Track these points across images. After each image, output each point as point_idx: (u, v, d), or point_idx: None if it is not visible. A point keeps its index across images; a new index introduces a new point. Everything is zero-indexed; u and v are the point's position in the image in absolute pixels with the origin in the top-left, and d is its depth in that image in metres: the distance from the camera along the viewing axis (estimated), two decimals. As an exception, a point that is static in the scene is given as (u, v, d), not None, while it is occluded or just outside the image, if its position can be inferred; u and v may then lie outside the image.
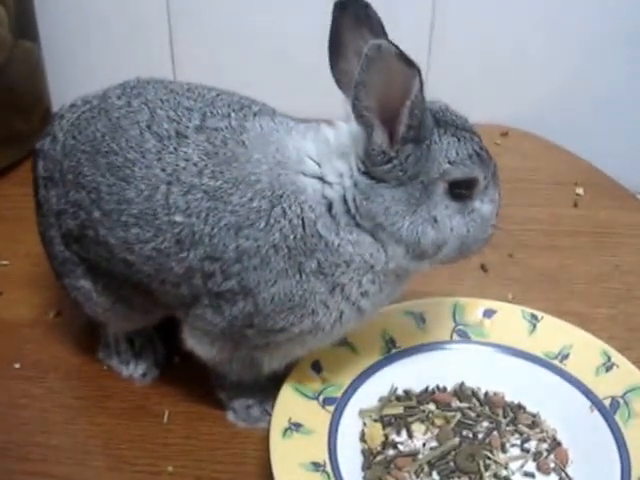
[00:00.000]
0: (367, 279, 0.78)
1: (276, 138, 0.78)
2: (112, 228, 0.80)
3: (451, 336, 0.93)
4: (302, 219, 0.75)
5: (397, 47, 0.67)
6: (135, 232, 0.78)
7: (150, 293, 0.83)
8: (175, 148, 0.77)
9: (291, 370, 0.87)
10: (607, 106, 1.36)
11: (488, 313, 0.94)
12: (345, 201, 0.75)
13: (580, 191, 1.22)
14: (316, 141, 0.77)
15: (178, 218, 0.76)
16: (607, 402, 0.85)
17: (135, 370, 0.95)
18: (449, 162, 0.75)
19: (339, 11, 0.76)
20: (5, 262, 1.11)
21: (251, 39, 1.29)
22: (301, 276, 0.76)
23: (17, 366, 0.96)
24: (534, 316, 0.93)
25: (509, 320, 0.93)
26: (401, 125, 0.72)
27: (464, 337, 0.93)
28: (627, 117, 1.36)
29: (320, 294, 0.77)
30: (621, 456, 0.81)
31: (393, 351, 0.91)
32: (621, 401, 0.85)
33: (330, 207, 0.75)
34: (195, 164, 0.77)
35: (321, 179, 0.76)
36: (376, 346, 0.91)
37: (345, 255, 0.76)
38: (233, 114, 0.80)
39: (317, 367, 0.88)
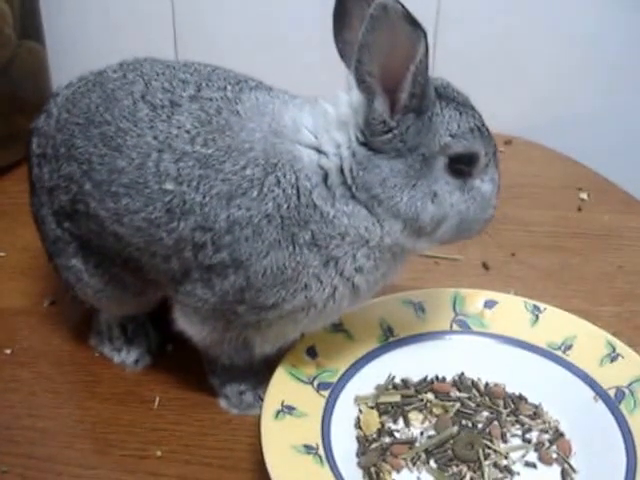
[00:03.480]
0: (362, 254, 0.76)
1: (272, 109, 0.77)
2: (102, 200, 0.78)
3: (451, 326, 0.91)
4: (297, 188, 0.73)
5: (404, 7, 0.65)
6: (125, 202, 0.77)
7: (141, 270, 0.81)
8: (168, 116, 0.76)
9: (285, 355, 0.85)
10: (612, 114, 1.36)
11: (489, 304, 0.92)
12: (342, 172, 0.74)
13: (584, 196, 1.21)
14: (313, 113, 0.76)
15: (169, 186, 0.74)
16: (612, 392, 0.83)
17: (127, 357, 0.93)
18: (450, 135, 0.73)
19: None
20: (2, 254, 1.10)
21: (256, 26, 1.30)
22: (294, 248, 0.73)
23: (8, 352, 0.94)
24: (536, 307, 0.91)
25: (511, 311, 0.91)
26: (403, 92, 0.70)
27: (464, 327, 0.91)
28: (631, 124, 1.36)
29: (313, 267, 0.75)
30: (627, 446, 0.78)
31: (391, 339, 0.89)
32: (626, 391, 0.82)
33: (326, 177, 0.74)
34: (188, 131, 0.75)
35: (317, 149, 0.74)
36: (374, 334, 0.89)
37: (340, 227, 0.74)
38: (229, 87, 0.79)
39: (312, 352, 0.86)
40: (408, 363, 0.88)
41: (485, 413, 0.84)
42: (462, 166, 0.74)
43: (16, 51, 1.25)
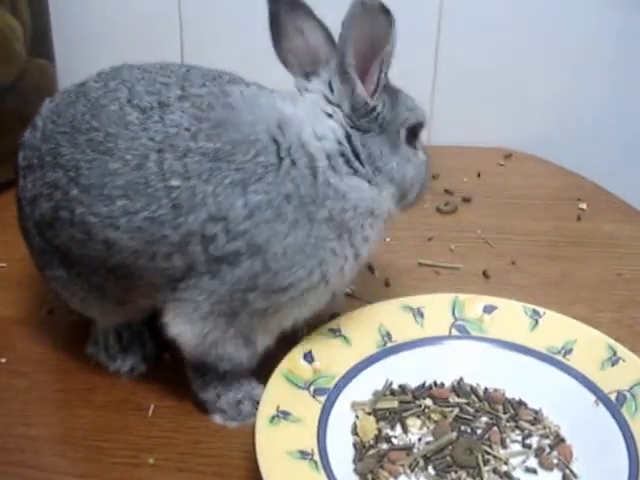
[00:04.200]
0: (368, 224, 0.82)
1: (263, 102, 0.80)
2: (92, 204, 0.77)
3: (449, 331, 0.89)
4: (311, 168, 0.78)
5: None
6: (121, 204, 0.76)
7: (126, 277, 0.80)
8: (160, 117, 0.77)
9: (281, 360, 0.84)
10: (609, 126, 1.36)
11: (488, 309, 0.91)
12: (342, 154, 0.80)
13: (583, 206, 1.20)
14: (302, 104, 0.81)
15: (175, 182, 0.75)
16: (613, 396, 0.81)
17: (122, 365, 0.91)
18: (407, 109, 0.84)
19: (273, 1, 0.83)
20: (3, 264, 1.10)
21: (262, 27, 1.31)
22: (312, 225, 0.77)
23: (3, 360, 0.93)
24: (536, 312, 0.90)
25: (510, 316, 0.90)
26: (380, 74, 0.78)
27: (463, 332, 0.89)
28: (629, 136, 1.36)
29: (329, 241, 0.78)
30: (629, 450, 0.76)
31: (389, 345, 0.88)
32: (628, 395, 0.81)
33: (330, 159, 0.79)
34: (187, 129, 0.76)
35: (317, 136, 0.79)
36: (371, 339, 0.88)
37: (352, 201, 0.80)
38: (208, 83, 0.80)
39: (309, 357, 0.85)
40: (406, 369, 0.87)
41: (484, 419, 0.83)
42: (412, 136, 0.85)
43: (25, 67, 1.26)
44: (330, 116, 0.80)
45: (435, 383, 0.86)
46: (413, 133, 0.85)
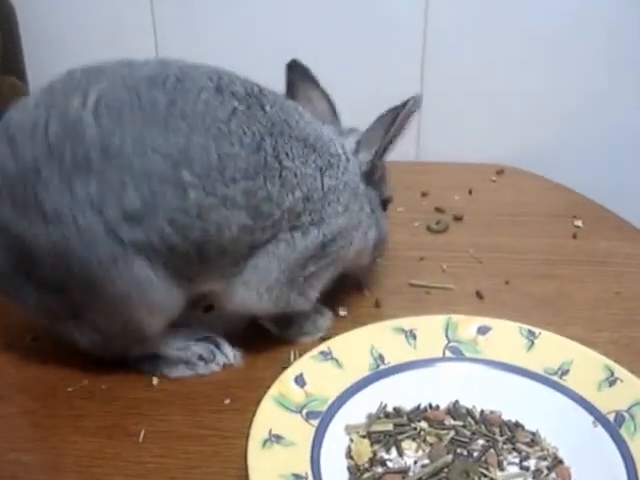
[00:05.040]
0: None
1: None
2: (212, 191, 0.81)
3: (443, 353, 0.88)
4: (353, 167, 0.94)
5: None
6: (244, 185, 0.83)
7: (210, 259, 0.85)
8: (261, 107, 0.86)
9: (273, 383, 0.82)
10: (604, 141, 1.35)
11: (483, 330, 0.90)
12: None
13: (579, 223, 1.19)
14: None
15: (287, 163, 0.85)
16: (611, 417, 0.80)
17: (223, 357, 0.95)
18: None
19: (290, 70, 0.99)
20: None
21: (237, 24, 1.32)
22: (359, 208, 0.94)
23: (-10, 387, 0.92)
24: (531, 332, 0.89)
25: (505, 337, 0.89)
26: (390, 143, 0.96)
27: (457, 354, 0.88)
28: (624, 151, 1.36)
29: (366, 213, 0.96)
30: (628, 471, 0.75)
31: (382, 367, 0.86)
32: (626, 415, 0.79)
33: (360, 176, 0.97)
34: (285, 121, 0.87)
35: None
36: (364, 362, 0.86)
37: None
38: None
39: (300, 381, 0.83)
40: (400, 391, 0.85)
41: (481, 441, 0.81)
42: (384, 207, 1.02)
43: (-3, 87, 1.25)
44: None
45: (430, 405, 0.85)
46: (385, 204, 1.02)
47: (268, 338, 0.96)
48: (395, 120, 0.93)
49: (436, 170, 1.34)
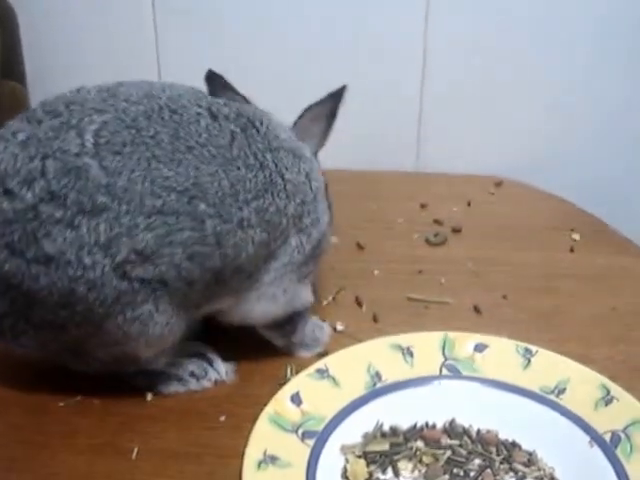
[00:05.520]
0: None
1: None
2: (228, 212, 0.82)
3: (440, 371, 0.88)
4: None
5: None
6: (258, 203, 0.84)
7: (228, 277, 0.86)
8: (243, 129, 0.86)
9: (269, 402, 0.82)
10: (605, 154, 1.35)
11: (479, 347, 0.90)
12: None
13: (576, 237, 1.18)
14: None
15: (288, 175, 0.88)
16: (607, 437, 0.80)
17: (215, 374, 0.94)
18: None
19: (210, 81, 0.98)
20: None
21: (239, 43, 1.31)
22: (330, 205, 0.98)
23: (-20, 402, 0.91)
24: (528, 350, 0.89)
25: (502, 354, 0.89)
26: (324, 139, 0.97)
27: (454, 372, 0.88)
28: (622, 163, 1.35)
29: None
30: (624, 492, 0.75)
31: (378, 385, 0.86)
32: (622, 435, 0.79)
33: None
34: (277, 136, 0.89)
35: None
36: (360, 380, 0.86)
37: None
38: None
39: (297, 399, 0.83)
40: (397, 410, 0.85)
41: (477, 461, 0.81)
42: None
43: (-3, 90, 1.24)
44: None
45: (427, 424, 0.84)
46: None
47: (264, 353, 0.95)
48: (334, 112, 0.95)
49: (435, 181, 1.34)
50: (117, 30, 1.39)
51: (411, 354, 0.89)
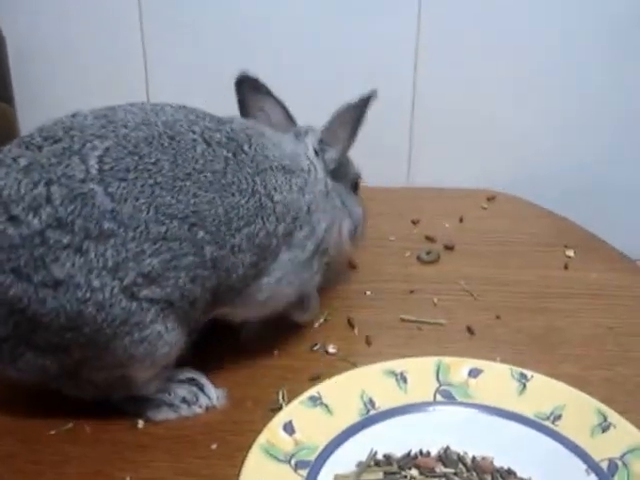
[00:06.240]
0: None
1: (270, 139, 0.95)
2: (224, 240, 0.84)
3: (434, 397, 0.87)
4: (323, 177, 0.98)
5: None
6: (247, 230, 0.85)
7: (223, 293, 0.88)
8: (234, 154, 0.87)
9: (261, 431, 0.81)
10: (595, 170, 1.34)
11: (474, 372, 0.89)
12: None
13: (571, 253, 1.18)
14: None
15: (277, 197, 0.88)
16: (604, 464, 0.79)
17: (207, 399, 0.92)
18: (353, 167, 1.07)
19: (239, 85, 1.02)
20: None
21: (224, 64, 1.31)
22: (333, 212, 0.99)
23: (-29, 431, 0.89)
24: (523, 375, 0.88)
25: (496, 380, 0.88)
26: (350, 142, 1.00)
27: (448, 398, 0.87)
28: (615, 180, 1.35)
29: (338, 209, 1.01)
30: (620, 522, 0.74)
31: (372, 412, 0.85)
32: (619, 463, 0.78)
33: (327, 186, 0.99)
34: (265, 156, 0.89)
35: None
36: (354, 407, 0.85)
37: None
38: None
39: (289, 429, 0.82)
40: (391, 437, 0.84)
41: (472, 489, 0.80)
42: (355, 188, 1.07)
43: (-16, 113, 1.23)
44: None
45: (421, 452, 0.83)
46: (355, 185, 1.07)
47: (255, 378, 0.94)
48: (361, 117, 0.97)
49: (427, 196, 1.33)
50: (107, 47, 1.38)
51: (405, 380, 0.88)
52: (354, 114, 0.97)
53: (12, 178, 0.79)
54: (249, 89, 1.02)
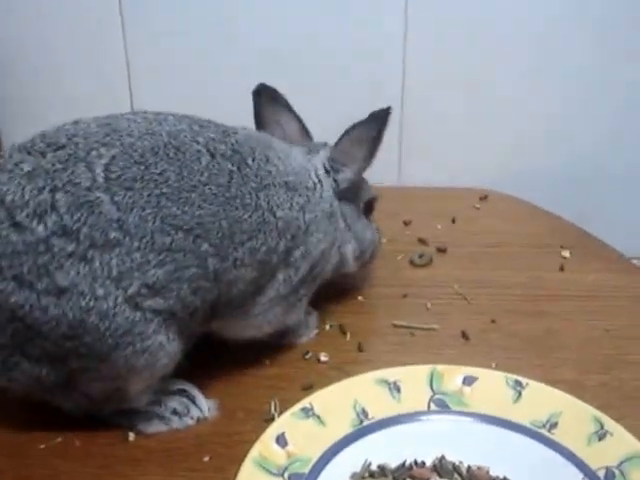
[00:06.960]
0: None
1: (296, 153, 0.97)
2: (226, 254, 0.84)
3: (428, 406, 0.86)
4: (329, 197, 0.96)
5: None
6: (250, 245, 0.85)
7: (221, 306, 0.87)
8: (238, 168, 0.86)
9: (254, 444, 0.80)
10: (589, 169, 1.33)
11: (468, 380, 0.87)
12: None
13: (566, 254, 1.17)
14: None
15: (280, 213, 0.88)
16: (601, 473, 0.78)
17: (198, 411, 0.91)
18: (366, 188, 1.05)
19: (257, 96, 1.02)
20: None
21: (211, 71, 1.30)
22: (334, 233, 0.97)
23: (-39, 446, 0.88)
24: (518, 382, 0.87)
25: (491, 387, 0.87)
26: (367, 162, 0.99)
27: (443, 407, 0.86)
28: (610, 179, 1.34)
29: (341, 231, 1.00)
30: (619, 532, 0.73)
31: (365, 423, 0.84)
32: (616, 471, 0.77)
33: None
34: (269, 172, 0.88)
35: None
36: (346, 418, 0.84)
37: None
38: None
39: (282, 441, 0.81)
40: (385, 448, 0.82)
41: (468, 500, 0.79)
42: (368, 210, 1.06)
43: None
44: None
45: (416, 462, 0.82)
46: (369, 207, 1.05)
47: (247, 389, 0.93)
48: (379, 136, 0.96)
49: (418, 196, 1.32)
50: (92, 63, 1.38)
51: (398, 389, 0.87)
52: (370, 132, 0.96)
53: (15, 183, 0.78)
54: (266, 100, 1.02)
